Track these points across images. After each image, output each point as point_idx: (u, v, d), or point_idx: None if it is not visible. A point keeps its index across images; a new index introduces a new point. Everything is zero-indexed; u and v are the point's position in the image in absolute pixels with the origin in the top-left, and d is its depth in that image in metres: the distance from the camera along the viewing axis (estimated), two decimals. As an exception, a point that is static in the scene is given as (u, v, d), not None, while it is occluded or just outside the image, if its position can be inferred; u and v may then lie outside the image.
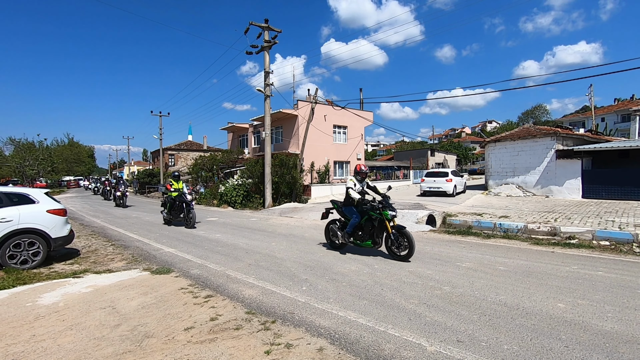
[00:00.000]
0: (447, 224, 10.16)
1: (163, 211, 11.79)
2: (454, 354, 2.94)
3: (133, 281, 5.26)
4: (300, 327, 3.52)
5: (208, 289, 4.79)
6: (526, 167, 17.22)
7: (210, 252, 7.26)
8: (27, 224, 6.15)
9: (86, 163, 67.35)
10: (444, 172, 18.50)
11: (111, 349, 3.12)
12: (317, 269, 5.78)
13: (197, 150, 46.01)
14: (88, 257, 7.03)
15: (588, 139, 17.98)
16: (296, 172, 18.84)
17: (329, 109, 25.77)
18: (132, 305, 4.23)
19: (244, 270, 5.77)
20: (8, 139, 41.90)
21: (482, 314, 3.77)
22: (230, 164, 27.41)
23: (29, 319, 3.85)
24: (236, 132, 35.45)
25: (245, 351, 3.05)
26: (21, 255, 6.08)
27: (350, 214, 6.79)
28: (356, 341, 3.20)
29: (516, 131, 19.07)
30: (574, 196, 15.22)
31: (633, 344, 3.07)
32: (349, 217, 6.81)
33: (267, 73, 17.16)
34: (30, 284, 5.20)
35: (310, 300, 4.29)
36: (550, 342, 3.13)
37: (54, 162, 43.02)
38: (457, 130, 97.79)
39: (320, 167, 22.50)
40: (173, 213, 11.34)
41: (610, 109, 42.04)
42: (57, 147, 57.23)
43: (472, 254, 6.73)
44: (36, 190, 6.79)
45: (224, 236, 9.24)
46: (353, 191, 6.58)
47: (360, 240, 6.67)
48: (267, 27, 16.59)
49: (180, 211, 11.17)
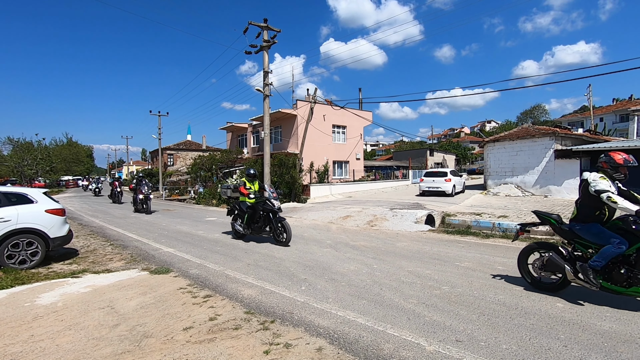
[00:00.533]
0: (446, 223, 10.17)
1: (236, 223, 8.68)
2: (453, 353, 2.94)
3: (132, 281, 5.26)
4: (299, 327, 3.52)
5: (207, 289, 4.79)
6: (525, 167, 17.25)
7: (209, 251, 7.25)
8: (25, 224, 6.13)
9: (85, 163, 67.18)
10: (443, 172, 18.52)
11: (110, 349, 3.11)
12: (316, 268, 5.78)
13: (196, 150, 45.98)
14: (87, 257, 7.01)
15: (587, 139, 18.02)
16: (295, 172, 18.83)
17: (328, 108, 25.78)
18: (130, 305, 4.23)
19: (243, 270, 5.77)
20: (6, 138, 41.69)
21: (481, 314, 3.77)
22: (229, 164, 27.38)
23: (27, 319, 3.84)
24: (235, 131, 35.44)
25: (244, 351, 3.04)
26: (19, 255, 6.06)
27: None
28: (355, 341, 3.20)
29: (515, 131, 19.10)
30: (573, 196, 15.24)
31: (631, 344, 3.07)
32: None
33: (266, 73, 17.15)
34: (29, 284, 5.19)
35: (309, 300, 4.29)
36: (549, 341, 3.13)
37: (52, 162, 42.87)
38: (456, 130, 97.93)
39: (319, 166, 22.49)
40: (254, 226, 8.17)
41: (608, 109, 42.13)
42: (55, 146, 57.02)
43: (470, 254, 6.73)
44: (34, 190, 6.78)
45: (223, 236, 9.23)
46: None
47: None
48: (266, 27, 16.57)
49: (266, 223, 8.02)
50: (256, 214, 8.06)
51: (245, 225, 8.29)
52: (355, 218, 11.63)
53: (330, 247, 7.62)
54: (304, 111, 23.37)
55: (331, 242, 8.15)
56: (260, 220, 8.02)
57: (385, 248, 7.44)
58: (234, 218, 8.85)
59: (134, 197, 16.40)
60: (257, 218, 8.08)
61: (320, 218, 12.41)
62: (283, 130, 27.09)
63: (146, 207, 15.80)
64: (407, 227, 9.93)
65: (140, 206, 15.99)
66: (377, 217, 11.37)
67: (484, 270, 5.55)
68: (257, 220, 8.08)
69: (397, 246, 7.62)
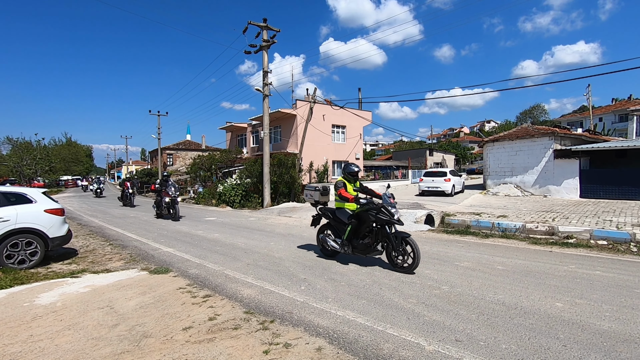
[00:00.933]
0: (445, 223, 10.18)
1: (328, 238, 6.35)
2: (453, 353, 2.95)
3: (131, 281, 5.25)
4: (298, 327, 3.52)
5: (206, 289, 4.79)
6: (524, 167, 17.26)
7: (208, 251, 7.25)
8: (24, 224, 6.13)
9: (84, 162, 67.14)
10: (443, 172, 18.53)
11: (109, 349, 3.11)
12: (315, 268, 5.78)
13: (196, 150, 45.97)
14: (86, 257, 7.01)
15: (586, 139, 18.04)
16: (295, 172, 18.83)
17: (327, 108, 25.78)
18: (130, 305, 4.22)
19: (243, 269, 5.77)
20: (6, 138, 41.66)
21: (481, 313, 3.78)
22: (228, 164, 27.37)
23: (26, 319, 3.83)
24: (235, 131, 35.43)
25: (244, 351, 3.04)
26: (19, 255, 6.05)
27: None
28: (355, 340, 3.20)
29: (514, 131, 19.11)
30: (572, 196, 15.27)
31: (630, 343, 3.08)
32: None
33: (266, 72, 17.14)
34: (28, 283, 5.18)
35: (309, 299, 4.29)
36: (548, 341, 3.14)
37: (51, 162, 42.79)
38: (455, 130, 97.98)
39: (319, 166, 22.49)
40: (359, 243, 5.79)
41: (608, 108, 42.20)
42: (54, 146, 56.97)
43: (470, 254, 6.74)
44: (34, 190, 6.77)
45: (223, 236, 9.23)
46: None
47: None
48: (266, 27, 16.56)
49: (378, 239, 5.67)
50: (363, 227, 5.76)
51: (345, 241, 5.84)
52: (355, 218, 11.62)
53: (329, 246, 7.61)
54: (303, 111, 23.36)
55: (331, 242, 8.13)
56: (371, 235, 5.66)
57: (384, 248, 7.43)
58: (323, 230, 6.63)
59: (158, 199, 13.52)
60: (364, 232, 5.79)
61: (320, 218, 12.39)
62: (282, 130, 27.09)
63: (173, 212, 12.81)
64: (406, 227, 9.92)
65: (165, 211, 13.29)
66: (376, 216, 11.35)
67: (483, 270, 5.56)
68: (364, 235, 5.81)
69: (397, 246, 7.61)
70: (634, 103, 36.81)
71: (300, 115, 24.23)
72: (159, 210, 13.53)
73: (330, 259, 6.36)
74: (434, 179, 18.15)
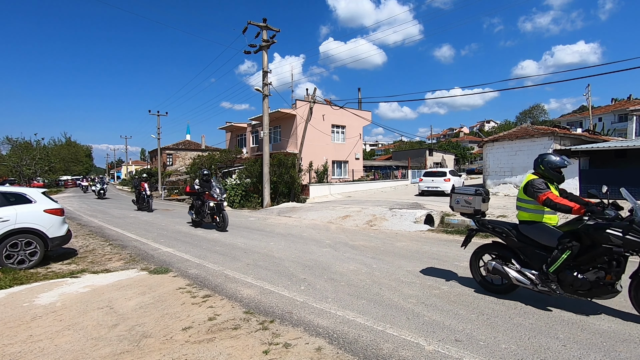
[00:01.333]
0: (445, 223, 10.18)
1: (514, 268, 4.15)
2: (452, 353, 2.95)
3: (131, 281, 5.25)
4: (298, 327, 3.52)
5: (206, 289, 4.78)
6: (524, 167, 17.26)
7: (208, 251, 7.25)
8: (24, 224, 6.12)
9: (84, 162, 67.11)
10: (442, 172, 18.56)
11: (109, 349, 3.11)
12: (315, 268, 5.78)
13: (195, 150, 45.96)
14: (85, 257, 7.00)
15: (585, 139, 18.05)
16: (294, 172, 18.83)
17: (327, 108, 25.78)
18: (129, 305, 4.22)
19: (242, 269, 5.77)
20: (5, 138, 41.61)
21: (480, 313, 3.78)
22: (228, 164, 27.38)
23: (26, 319, 3.83)
24: (234, 131, 35.43)
25: (244, 351, 3.04)
26: (18, 255, 6.05)
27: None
28: (354, 340, 3.20)
29: (514, 131, 19.13)
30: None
31: (630, 343, 3.08)
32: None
33: (266, 72, 17.14)
34: (27, 284, 5.17)
35: (309, 299, 4.29)
36: (547, 341, 3.14)
37: (51, 162, 42.76)
38: (455, 130, 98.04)
39: (318, 166, 22.49)
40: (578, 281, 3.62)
41: (607, 109, 42.24)
42: (54, 146, 56.94)
43: (470, 254, 6.72)
44: (33, 190, 6.76)
45: (222, 236, 9.22)
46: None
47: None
48: (266, 27, 16.56)
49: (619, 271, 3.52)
50: (590, 254, 3.64)
51: (551, 274, 3.74)
52: (355, 218, 11.64)
53: (329, 246, 7.62)
54: (303, 111, 23.37)
55: (330, 242, 8.15)
56: (608, 267, 3.54)
57: (384, 248, 7.44)
58: (483, 252, 4.79)
59: (198, 204, 10.77)
60: (590, 261, 3.66)
61: (320, 218, 12.41)
62: (282, 130, 27.09)
63: (220, 220, 9.96)
64: (406, 227, 9.94)
65: (208, 218, 10.44)
66: (376, 216, 11.37)
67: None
68: (586, 267, 3.68)
69: (396, 246, 7.62)
70: (634, 103, 36.85)
71: (300, 115, 24.23)
72: (200, 217, 10.78)
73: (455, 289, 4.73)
74: (433, 179, 18.18)
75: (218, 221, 10.21)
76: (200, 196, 10.78)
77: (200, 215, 10.81)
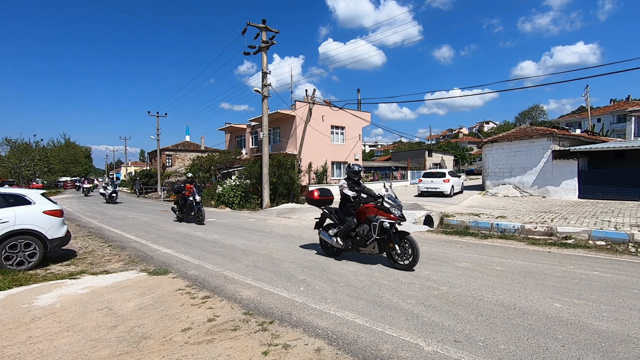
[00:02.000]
0: (444, 224, 10.19)
1: None
2: (451, 353, 2.95)
3: (130, 282, 5.24)
4: (297, 328, 3.52)
5: (205, 290, 4.78)
6: (523, 168, 17.30)
7: (207, 252, 7.24)
8: (23, 225, 6.11)
9: (83, 164, 66.90)
10: (442, 173, 18.55)
11: (108, 351, 3.11)
12: (314, 269, 5.78)
13: (195, 151, 45.95)
14: (85, 258, 7.00)
15: (584, 140, 18.09)
16: (294, 173, 18.83)
17: (326, 109, 25.80)
18: (129, 306, 4.22)
19: (242, 271, 5.76)
20: (4, 139, 41.45)
21: (479, 314, 3.78)
22: (227, 165, 27.37)
23: (25, 320, 3.82)
24: (234, 132, 35.43)
25: (243, 352, 3.04)
26: (17, 256, 6.04)
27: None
28: (354, 341, 3.20)
29: (513, 132, 19.16)
30: (571, 196, 15.30)
31: (629, 344, 3.09)
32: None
33: (265, 74, 17.15)
34: (27, 285, 5.17)
35: (308, 300, 4.29)
36: (546, 341, 3.14)
37: (50, 163, 42.70)
38: (454, 131, 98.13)
39: (318, 167, 22.50)
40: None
41: (606, 109, 42.35)
42: (53, 147, 56.77)
43: (469, 254, 6.75)
44: (32, 191, 6.76)
45: (222, 237, 9.22)
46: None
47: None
48: (265, 28, 16.58)
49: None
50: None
51: None
52: (354, 219, 11.62)
53: (328, 247, 7.61)
54: (302, 112, 23.38)
55: (330, 243, 8.13)
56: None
57: (383, 249, 7.43)
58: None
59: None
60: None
61: (319, 219, 12.39)
62: (282, 131, 27.10)
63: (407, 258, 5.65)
64: (405, 228, 9.93)
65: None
66: (375, 217, 11.36)
67: (482, 270, 5.57)
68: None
69: (396, 247, 7.61)
70: (632, 104, 36.95)
71: (299, 116, 24.24)
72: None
73: None
74: (433, 179, 18.18)
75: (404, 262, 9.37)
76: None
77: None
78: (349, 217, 6.13)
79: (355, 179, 6.41)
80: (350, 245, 6.10)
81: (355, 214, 6.14)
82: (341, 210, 6.44)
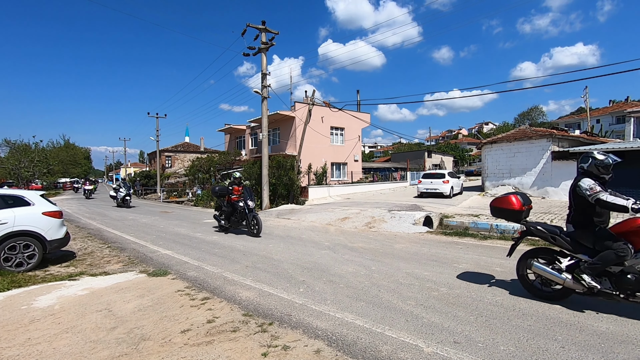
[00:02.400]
0: (444, 225, 10.19)
1: None
2: (451, 355, 2.95)
3: (129, 283, 5.24)
4: (297, 329, 3.52)
5: (205, 291, 4.78)
6: (522, 169, 17.31)
7: (207, 254, 7.24)
8: (22, 227, 6.11)
9: (82, 165, 66.87)
10: (441, 174, 18.55)
11: (107, 352, 3.10)
12: (314, 270, 5.78)
13: (194, 152, 45.96)
14: (84, 260, 6.98)
15: (583, 141, 18.11)
16: (293, 174, 18.83)
17: (326, 110, 25.80)
18: (128, 307, 4.21)
19: (241, 272, 5.76)
20: (3, 140, 41.34)
21: (479, 315, 3.78)
22: (227, 166, 27.37)
23: (24, 322, 3.81)
24: (233, 133, 35.44)
25: (243, 353, 3.04)
26: (16, 257, 6.03)
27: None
28: (353, 343, 3.20)
29: (512, 133, 19.18)
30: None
31: (628, 344, 3.09)
32: None
33: (264, 75, 17.17)
34: (26, 286, 5.16)
35: (308, 302, 4.29)
36: (546, 342, 3.14)
37: (49, 164, 42.59)
38: (454, 132, 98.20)
39: (317, 168, 22.49)
40: None
41: (605, 110, 42.43)
42: (52, 148, 56.68)
43: (468, 255, 6.75)
44: (31, 193, 6.76)
45: (221, 238, 9.21)
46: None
47: None
48: (264, 29, 16.60)
49: None
50: None
51: None
52: (354, 220, 11.64)
53: (328, 248, 7.62)
54: (302, 113, 23.39)
55: (329, 244, 8.14)
56: None
57: (383, 250, 7.44)
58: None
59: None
60: None
61: (319, 220, 12.40)
62: (281, 132, 27.09)
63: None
64: (405, 229, 9.94)
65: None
66: (375, 218, 11.38)
67: (481, 271, 5.57)
68: None
69: (395, 248, 7.62)
70: (631, 105, 37.02)
71: (298, 117, 24.25)
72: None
73: None
74: (432, 180, 18.18)
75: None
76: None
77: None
78: (609, 240, 3.77)
79: (606, 177, 4.04)
80: (608, 288, 3.69)
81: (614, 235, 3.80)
82: (582, 229, 4.14)
